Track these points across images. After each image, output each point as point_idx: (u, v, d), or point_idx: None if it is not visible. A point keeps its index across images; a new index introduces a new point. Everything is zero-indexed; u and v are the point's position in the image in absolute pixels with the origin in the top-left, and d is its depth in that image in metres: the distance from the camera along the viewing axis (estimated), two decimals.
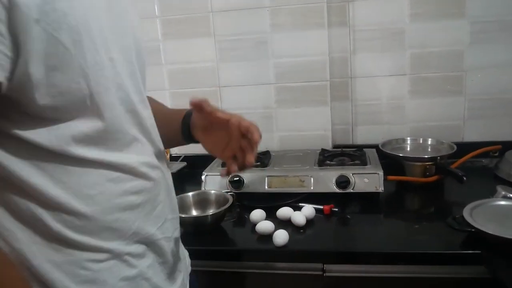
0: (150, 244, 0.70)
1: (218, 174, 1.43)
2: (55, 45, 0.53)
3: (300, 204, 1.30)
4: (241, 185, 1.39)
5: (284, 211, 1.24)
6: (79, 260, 0.60)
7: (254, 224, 1.21)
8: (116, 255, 0.64)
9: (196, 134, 0.85)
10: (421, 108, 1.64)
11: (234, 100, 1.68)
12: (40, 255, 0.58)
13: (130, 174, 0.66)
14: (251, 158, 0.78)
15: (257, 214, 1.24)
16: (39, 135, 0.56)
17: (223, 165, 1.50)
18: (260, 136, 0.77)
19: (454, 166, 1.42)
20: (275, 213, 1.25)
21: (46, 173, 0.57)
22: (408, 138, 1.60)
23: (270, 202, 1.33)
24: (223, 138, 0.81)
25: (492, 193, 1.26)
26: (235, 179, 1.39)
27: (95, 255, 0.61)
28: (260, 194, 1.38)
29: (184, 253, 0.88)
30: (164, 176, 0.75)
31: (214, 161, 1.57)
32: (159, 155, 0.75)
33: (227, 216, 1.29)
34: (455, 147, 1.45)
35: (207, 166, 1.51)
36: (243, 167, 0.81)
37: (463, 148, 1.49)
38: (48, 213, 0.58)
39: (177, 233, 0.80)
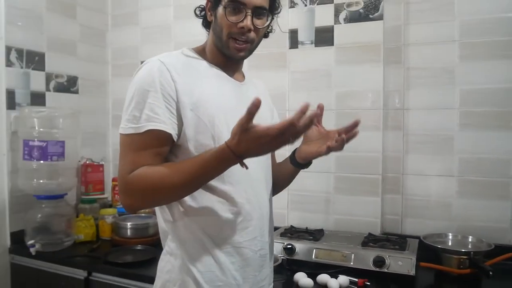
0: (237, 249, 1.08)
1: (275, 241, 1.70)
2: (199, 122, 1.03)
3: (339, 275, 1.52)
4: (292, 253, 1.65)
5: (323, 277, 1.48)
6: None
7: (298, 286, 1.46)
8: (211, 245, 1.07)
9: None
10: (468, 208, 1.80)
11: (300, 184, 1.94)
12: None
13: (229, 201, 1.06)
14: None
15: (301, 275, 1.51)
16: None
17: (282, 235, 1.78)
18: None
19: (489, 263, 1.54)
20: (315, 278, 1.49)
21: None
22: (450, 234, 1.76)
23: (315, 270, 1.57)
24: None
25: None
26: (288, 246, 1.66)
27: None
28: (307, 263, 1.63)
29: (269, 274, 1.21)
30: (259, 209, 1.13)
31: (277, 231, 1.85)
32: (259, 199, 1.13)
33: (278, 277, 1.54)
34: (493, 245, 1.58)
35: None
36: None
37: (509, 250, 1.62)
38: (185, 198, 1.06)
39: (263, 252, 1.15)
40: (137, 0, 2.44)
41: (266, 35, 1.20)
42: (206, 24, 1.20)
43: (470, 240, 1.71)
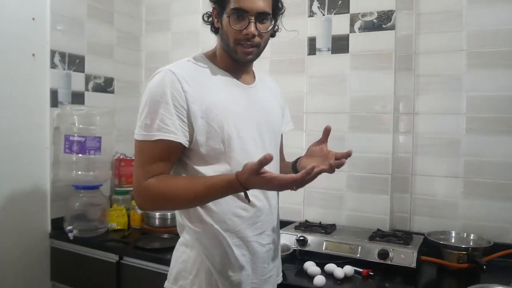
0: (246, 242, 1.18)
1: (289, 233, 1.85)
2: (210, 128, 1.11)
3: (345, 265, 1.66)
4: (305, 244, 1.80)
5: (330, 266, 1.62)
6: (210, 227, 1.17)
7: (307, 273, 1.61)
8: (224, 239, 1.16)
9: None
10: (473, 208, 1.90)
11: (315, 181, 2.11)
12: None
13: (240, 197, 1.12)
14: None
15: (310, 264, 1.65)
16: (202, 170, 1.13)
17: (296, 228, 1.93)
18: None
19: (486, 259, 1.64)
20: (323, 267, 1.63)
21: None
22: (453, 231, 1.87)
23: (324, 260, 1.71)
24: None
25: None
26: (300, 238, 1.81)
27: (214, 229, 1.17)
28: (318, 253, 1.77)
29: (277, 265, 1.33)
30: (269, 207, 1.23)
31: (292, 224, 2.00)
32: (267, 195, 1.22)
33: (290, 266, 1.69)
34: (492, 243, 1.69)
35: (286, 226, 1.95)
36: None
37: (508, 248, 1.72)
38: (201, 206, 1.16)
39: (271, 245, 1.25)
40: (169, 8, 2.63)
41: (273, 35, 1.25)
42: (215, 30, 1.25)
43: (471, 237, 1.81)
